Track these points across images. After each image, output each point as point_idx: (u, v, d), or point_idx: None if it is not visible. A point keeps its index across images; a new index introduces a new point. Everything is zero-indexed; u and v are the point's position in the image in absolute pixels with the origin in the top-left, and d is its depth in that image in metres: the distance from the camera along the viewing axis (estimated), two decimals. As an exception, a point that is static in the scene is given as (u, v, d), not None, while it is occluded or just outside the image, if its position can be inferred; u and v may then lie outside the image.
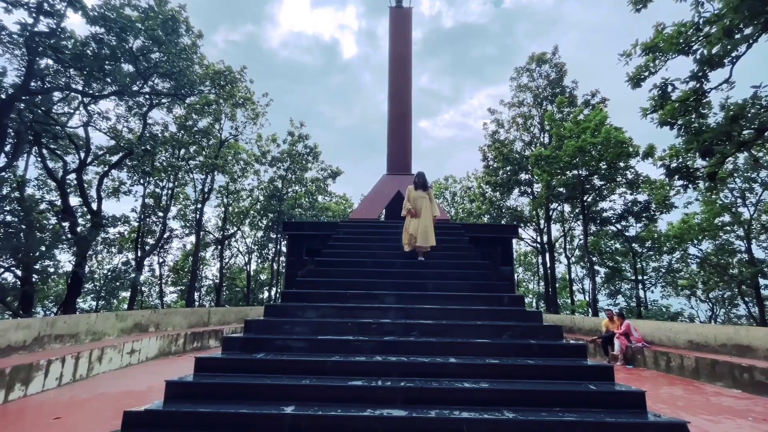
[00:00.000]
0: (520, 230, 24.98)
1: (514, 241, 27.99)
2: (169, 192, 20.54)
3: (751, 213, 17.83)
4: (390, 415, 3.37)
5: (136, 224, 18.91)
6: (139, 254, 19.35)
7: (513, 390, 3.65)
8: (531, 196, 22.85)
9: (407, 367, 4.08)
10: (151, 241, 21.27)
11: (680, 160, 9.05)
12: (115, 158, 15.15)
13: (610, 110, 18.50)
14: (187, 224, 23.06)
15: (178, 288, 26.82)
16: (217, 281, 25.01)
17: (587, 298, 27.05)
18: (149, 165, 15.28)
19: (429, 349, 4.46)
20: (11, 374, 5.31)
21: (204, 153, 19.59)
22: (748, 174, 16.35)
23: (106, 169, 14.71)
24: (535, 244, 25.79)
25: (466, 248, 7.49)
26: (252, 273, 28.08)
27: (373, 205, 10.66)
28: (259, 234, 27.11)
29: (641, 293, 20.52)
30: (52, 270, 13.97)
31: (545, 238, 23.74)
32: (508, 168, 22.49)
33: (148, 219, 20.58)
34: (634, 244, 20.48)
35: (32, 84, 11.75)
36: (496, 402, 3.62)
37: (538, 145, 22.32)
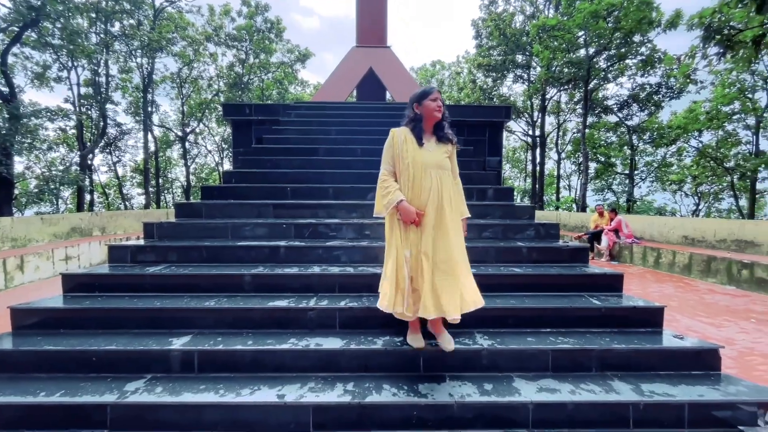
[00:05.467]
0: (511, 123, 23.26)
1: (504, 134, 26.44)
2: (109, 79, 17.51)
3: (768, 99, 16.20)
4: (319, 348, 2.42)
5: (77, 118, 16.44)
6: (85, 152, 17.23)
7: (492, 308, 2.67)
8: (527, 83, 20.50)
9: (353, 280, 3.06)
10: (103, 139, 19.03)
11: (723, 16, 7.19)
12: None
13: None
14: (141, 119, 20.52)
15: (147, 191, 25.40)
16: (187, 183, 23.53)
17: (573, 195, 26.78)
18: (65, 38, 12.35)
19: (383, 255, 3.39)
20: None
21: (131, 23, 16.02)
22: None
23: (6, 43, 11.80)
24: (525, 138, 24.31)
25: (446, 133, 6.08)
26: (223, 173, 26.51)
27: (340, 85, 8.82)
28: (229, 130, 24.74)
29: (632, 189, 19.94)
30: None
31: (537, 132, 22.17)
32: (503, 47, 19.58)
33: (90, 111, 17.98)
34: (633, 136, 19.15)
35: None
36: (468, 325, 2.67)
37: (541, 18, 19.14)
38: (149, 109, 20.62)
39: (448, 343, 2.32)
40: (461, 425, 2.07)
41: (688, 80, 13.87)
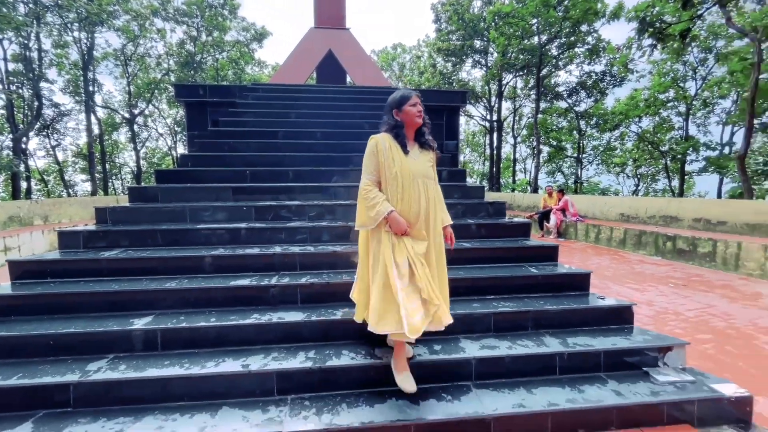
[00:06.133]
0: (470, 107, 23.85)
1: (464, 119, 27.06)
2: (42, 54, 15.90)
3: (698, 87, 17.86)
4: (282, 321, 2.56)
5: (6, 97, 14.86)
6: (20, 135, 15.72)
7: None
8: (485, 68, 21.02)
9: (314, 259, 3.20)
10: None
11: (656, 9, 7.81)
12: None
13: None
14: (82, 99, 18.95)
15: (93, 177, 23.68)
16: (137, 168, 22.19)
17: (528, 177, 28.10)
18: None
19: (345, 235, 3.56)
20: None
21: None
22: (708, 42, 15.66)
23: None
24: (484, 122, 25.04)
25: (404, 117, 6.25)
26: (178, 157, 25.19)
27: (299, 67, 8.68)
28: (182, 112, 23.45)
29: (579, 171, 21.31)
30: None
31: (495, 116, 22.91)
32: (462, 32, 19.88)
33: (21, 90, 16.35)
34: (581, 121, 20.34)
35: None
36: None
37: (497, 5, 19.56)
38: (90, 88, 19.07)
39: (405, 382, 2.15)
40: (415, 381, 2.31)
41: (626, 69, 14.87)
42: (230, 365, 2.26)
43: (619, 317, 2.85)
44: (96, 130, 20.22)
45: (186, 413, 2.07)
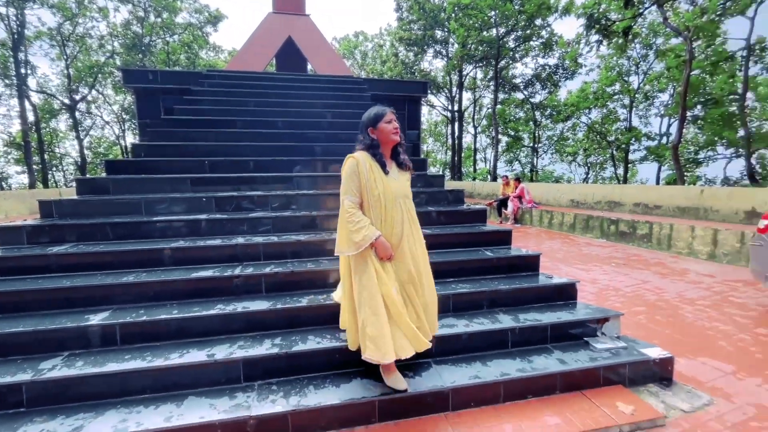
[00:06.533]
0: (432, 98, 24.16)
1: (426, 109, 27.39)
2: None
3: (640, 82, 19.22)
4: (247, 310, 2.57)
5: None
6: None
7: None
8: (446, 59, 21.32)
9: (279, 248, 3.22)
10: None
11: (603, 6, 8.31)
12: None
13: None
14: (12, 82, 17.23)
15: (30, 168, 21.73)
16: (81, 158, 20.62)
17: (488, 167, 29.03)
18: None
19: (309, 224, 3.59)
20: None
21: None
22: (649, 39, 16.88)
23: None
24: (446, 112, 25.49)
25: (367, 106, 6.27)
26: (129, 147, 23.63)
27: (257, 54, 8.42)
28: (130, 99, 21.92)
29: (535, 160, 22.37)
30: None
31: (456, 107, 23.37)
32: (423, 22, 20.01)
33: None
34: (536, 112, 21.25)
35: None
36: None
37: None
38: (23, 70, 17.38)
39: (396, 382, 2.15)
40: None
41: (576, 63, 15.71)
42: (195, 355, 2.27)
43: (565, 294, 3.12)
44: (31, 117, 18.51)
45: (150, 405, 2.06)
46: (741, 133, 15.63)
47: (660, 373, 2.53)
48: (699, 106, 17.36)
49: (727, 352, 2.98)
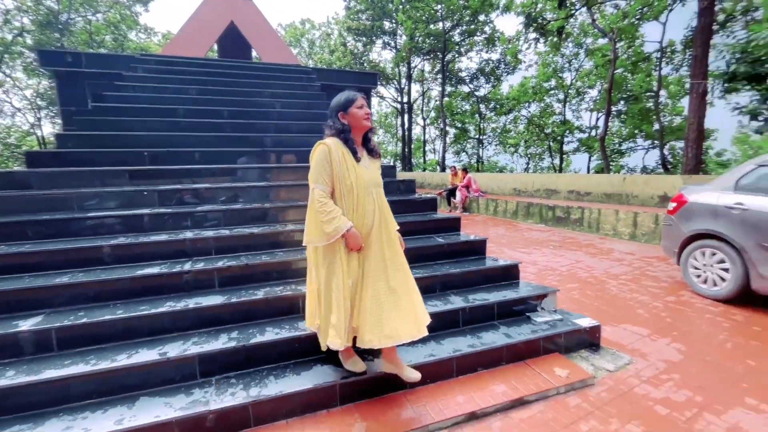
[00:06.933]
0: (382, 89, 24.24)
1: (376, 100, 27.41)
2: None
3: (572, 78, 20.76)
4: (200, 306, 2.50)
5: None
6: None
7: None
8: (394, 50, 21.46)
9: (230, 242, 3.14)
10: None
11: (539, 6, 8.85)
12: None
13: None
14: None
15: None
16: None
17: (437, 157, 29.83)
18: None
19: (261, 216, 3.53)
20: None
21: None
22: (580, 39, 18.30)
23: None
24: (395, 104, 25.72)
25: (317, 96, 6.22)
26: (48, 137, 21.17)
27: (197, 38, 7.94)
28: (45, 83, 19.56)
29: (481, 151, 23.40)
30: None
31: (405, 98, 23.67)
32: (371, 12, 19.95)
33: None
34: (481, 105, 22.16)
35: None
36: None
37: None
38: None
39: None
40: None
41: (516, 59, 16.61)
42: (145, 355, 2.18)
43: (509, 275, 3.38)
44: None
45: (98, 409, 1.96)
46: (656, 126, 17.49)
47: (590, 340, 2.85)
48: (622, 102, 19.14)
49: (643, 318, 3.41)
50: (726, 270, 3.69)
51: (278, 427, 2.02)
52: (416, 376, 2.14)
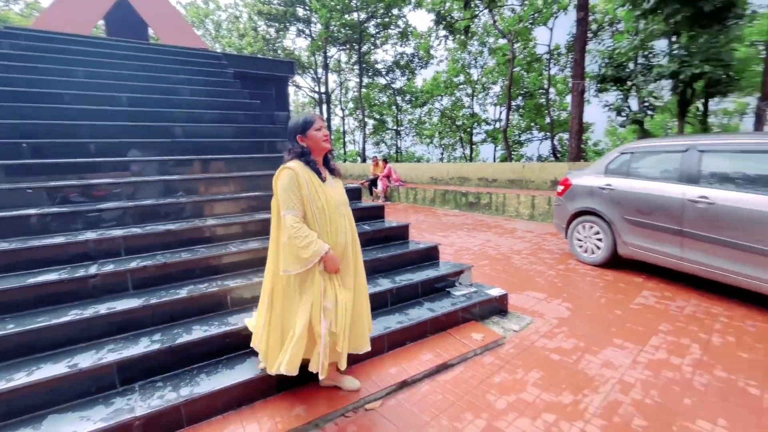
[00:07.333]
0: (299, 78, 23.54)
1: (293, 90, 26.53)
2: None
3: (479, 74, 22.50)
4: (113, 311, 2.30)
5: None
6: None
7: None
8: (309, 38, 20.94)
9: (144, 240, 2.90)
10: None
11: (448, 5, 9.41)
12: None
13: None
14: None
15: None
16: None
17: (358, 148, 30.05)
18: None
19: (177, 212, 3.31)
20: None
21: None
22: (483, 39, 19.88)
23: None
24: (313, 94, 25.19)
25: (230, 84, 5.90)
26: None
27: (76, 12, 6.89)
28: None
29: (399, 142, 24.17)
30: None
31: (323, 88, 23.33)
32: (284, -3, 19.16)
33: None
34: (397, 97, 22.83)
35: None
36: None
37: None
38: None
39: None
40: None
41: (429, 54, 17.48)
42: (49, 370, 1.96)
43: (430, 256, 3.67)
44: None
45: (-5, 435, 1.73)
46: (548, 120, 19.88)
47: (499, 307, 3.27)
48: (520, 98, 21.33)
49: (541, 285, 3.99)
50: (600, 240, 4.46)
51: (215, 422, 1.99)
52: (356, 385, 2.24)
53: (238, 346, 2.37)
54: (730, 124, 21.26)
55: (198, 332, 2.33)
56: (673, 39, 10.16)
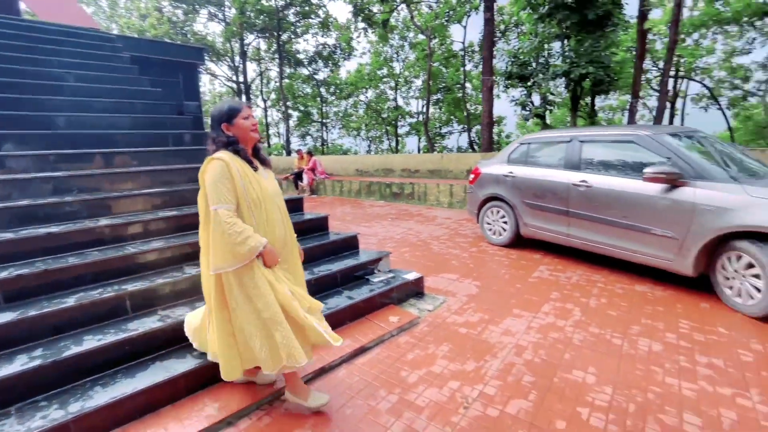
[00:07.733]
0: (213, 66, 21.95)
1: (207, 78, 24.65)
2: None
3: (401, 68, 23.02)
4: (-22, 329, 1.99)
5: None
6: None
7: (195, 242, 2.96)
8: (223, 23, 19.56)
9: (17, 246, 2.53)
10: None
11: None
12: None
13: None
14: None
15: None
16: None
17: (282, 141, 29.02)
18: None
19: (62, 213, 2.94)
20: None
21: None
22: (404, 33, 20.36)
23: None
24: (231, 83, 23.68)
25: (126, 70, 5.32)
26: None
27: None
28: None
29: (325, 134, 23.85)
30: None
31: (242, 78, 22.03)
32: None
33: None
34: (321, 89, 22.44)
35: None
36: (176, 261, 2.87)
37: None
38: None
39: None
40: (178, 341, 2.36)
41: (350, 46, 17.46)
42: None
43: (350, 245, 3.74)
44: None
45: None
46: (465, 113, 21.11)
47: (416, 290, 3.46)
48: (440, 92, 22.32)
49: (455, 266, 4.29)
50: (506, 223, 4.92)
51: (113, 436, 1.85)
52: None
53: (139, 352, 2.21)
54: (615, 119, 24.60)
55: (91, 342, 2.12)
56: (566, 42, 11.44)
